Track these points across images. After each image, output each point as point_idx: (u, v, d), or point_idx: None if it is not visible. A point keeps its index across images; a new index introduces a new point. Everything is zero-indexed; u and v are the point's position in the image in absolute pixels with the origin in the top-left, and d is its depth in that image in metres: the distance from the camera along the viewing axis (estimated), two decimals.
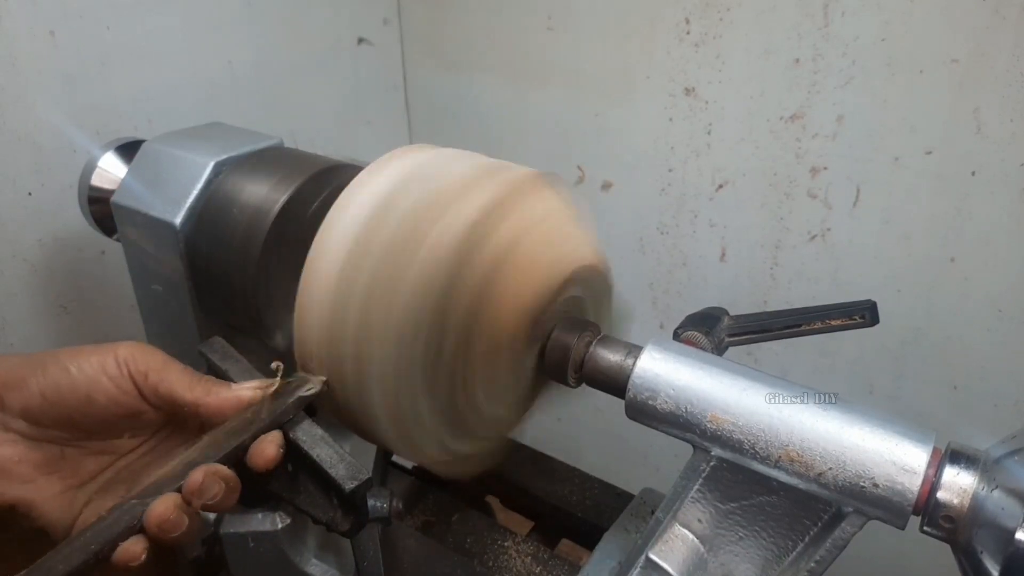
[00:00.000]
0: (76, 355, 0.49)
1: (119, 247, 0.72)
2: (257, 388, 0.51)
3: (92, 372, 0.48)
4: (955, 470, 0.44)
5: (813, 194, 1.07)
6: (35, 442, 0.48)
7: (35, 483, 0.48)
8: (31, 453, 0.48)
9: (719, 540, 0.54)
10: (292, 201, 0.63)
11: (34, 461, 0.48)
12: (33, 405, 0.47)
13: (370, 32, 1.27)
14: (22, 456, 0.48)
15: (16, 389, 0.47)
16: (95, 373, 0.48)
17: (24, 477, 0.48)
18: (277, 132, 0.73)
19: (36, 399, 0.47)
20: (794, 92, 1.02)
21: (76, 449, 0.50)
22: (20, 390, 0.47)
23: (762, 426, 0.48)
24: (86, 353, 0.49)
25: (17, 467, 0.48)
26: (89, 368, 0.48)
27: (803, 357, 1.16)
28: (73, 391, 0.48)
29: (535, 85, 1.24)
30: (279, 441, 0.48)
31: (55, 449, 0.49)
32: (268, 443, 0.47)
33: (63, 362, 0.48)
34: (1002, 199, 0.94)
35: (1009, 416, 1.03)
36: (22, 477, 0.48)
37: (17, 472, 0.48)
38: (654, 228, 1.22)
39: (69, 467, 0.50)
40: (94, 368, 0.48)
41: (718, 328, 0.63)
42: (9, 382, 0.47)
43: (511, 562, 0.75)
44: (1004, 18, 0.86)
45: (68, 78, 0.87)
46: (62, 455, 0.50)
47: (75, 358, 0.48)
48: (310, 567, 0.72)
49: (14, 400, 0.47)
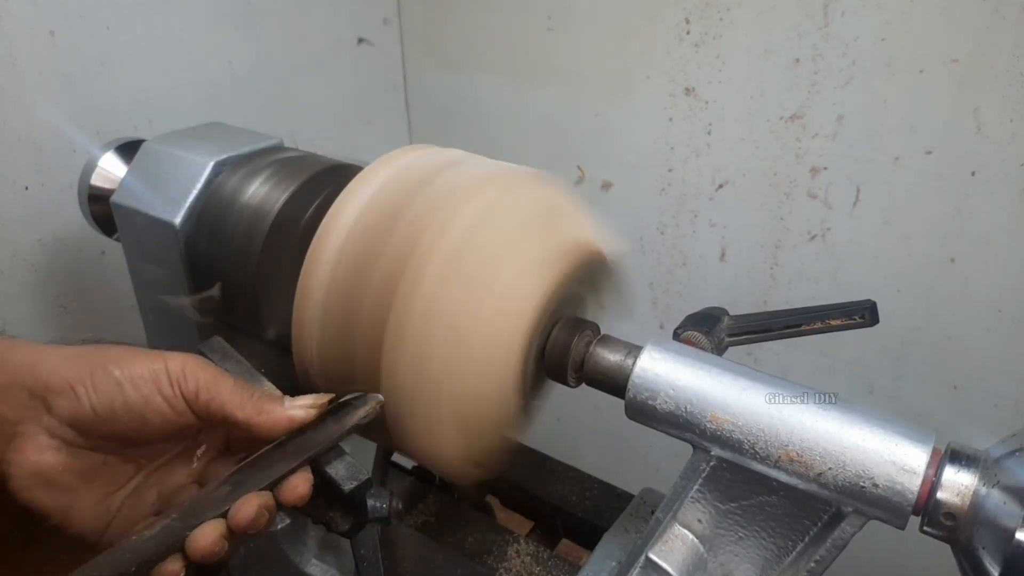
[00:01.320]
0: (125, 363, 0.46)
1: (119, 247, 0.72)
2: (310, 407, 0.49)
3: (147, 392, 0.46)
4: (955, 470, 0.44)
5: (813, 194, 1.07)
6: (79, 450, 0.47)
7: (75, 492, 0.47)
8: (74, 461, 0.46)
9: (719, 540, 0.54)
10: (292, 201, 0.63)
11: (77, 469, 0.46)
12: (84, 418, 0.45)
13: (370, 32, 1.27)
14: (66, 465, 0.46)
15: (63, 396, 0.45)
16: (150, 393, 0.46)
17: (66, 486, 0.46)
18: (277, 132, 0.73)
19: (87, 413, 0.45)
20: (794, 92, 1.02)
21: (117, 456, 0.49)
22: (68, 398, 0.45)
23: (762, 426, 0.48)
24: (136, 363, 0.46)
25: (60, 476, 0.46)
26: (144, 387, 0.46)
27: (803, 357, 1.16)
28: (127, 411, 0.46)
29: (535, 85, 1.24)
30: (311, 479, 0.47)
31: (99, 457, 0.48)
32: (301, 480, 0.47)
33: (113, 373, 0.45)
34: (1002, 199, 0.94)
35: (1009, 416, 1.03)
36: (64, 486, 0.46)
37: (59, 481, 0.46)
38: (654, 228, 1.22)
39: (109, 475, 0.48)
40: (148, 387, 0.46)
41: (718, 328, 0.63)
42: (54, 386, 0.45)
43: (511, 562, 0.75)
44: (1004, 18, 0.86)
45: (68, 78, 0.87)
46: (104, 462, 0.48)
47: (125, 367, 0.46)
48: (310, 567, 0.72)
49: (63, 408, 0.45)
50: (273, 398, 0.49)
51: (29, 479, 0.45)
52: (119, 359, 0.46)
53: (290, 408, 0.48)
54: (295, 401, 0.49)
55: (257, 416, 0.47)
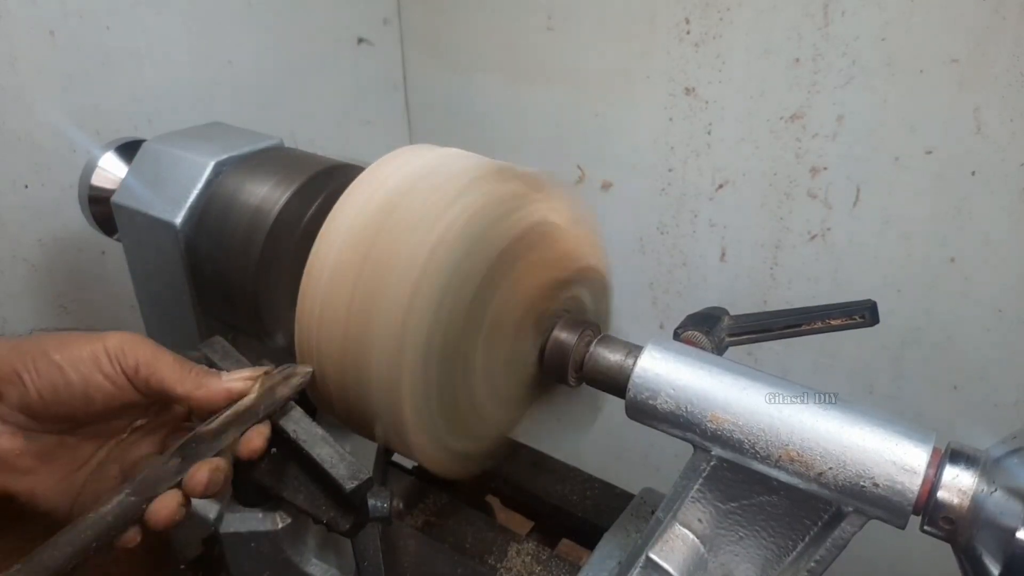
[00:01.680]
0: (64, 347, 0.48)
1: (119, 247, 0.72)
2: (247, 379, 0.51)
3: (86, 371, 0.48)
4: (955, 470, 0.44)
5: (813, 194, 1.07)
6: (34, 433, 0.49)
7: (36, 473, 0.49)
8: (31, 444, 0.48)
9: (719, 540, 0.54)
10: (292, 201, 0.63)
11: (34, 452, 0.49)
12: (32, 403, 0.47)
13: (370, 32, 1.27)
14: (22, 448, 0.48)
15: (11, 384, 0.47)
16: (89, 372, 0.48)
17: (25, 468, 0.48)
18: (277, 132, 0.73)
19: (34, 397, 0.47)
20: (794, 92, 1.02)
21: (74, 437, 0.50)
22: (15, 386, 0.47)
23: (762, 426, 0.48)
24: (75, 346, 0.48)
25: (18, 459, 0.48)
26: (83, 367, 0.48)
27: (803, 357, 1.16)
28: (70, 391, 0.47)
29: (535, 85, 1.24)
30: (266, 433, 0.50)
31: (53, 439, 0.49)
32: (256, 434, 0.49)
33: (53, 357, 0.47)
34: (1002, 199, 0.94)
35: (1009, 416, 1.03)
36: (24, 468, 0.48)
37: (19, 464, 0.48)
38: (654, 228, 1.22)
39: (67, 454, 0.50)
40: (88, 366, 0.48)
41: (718, 328, 0.63)
42: (3, 376, 0.47)
43: (511, 562, 0.75)
44: (1004, 18, 0.86)
45: (68, 78, 0.87)
46: (60, 443, 0.50)
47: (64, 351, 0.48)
48: (310, 567, 0.72)
49: (12, 395, 0.47)
50: (212, 373, 0.51)
51: None
52: (59, 343, 0.48)
53: (227, 381, 0.50)
54: (232, 375, 0.51)
55: (196, 391, 0.49)
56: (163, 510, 0.45)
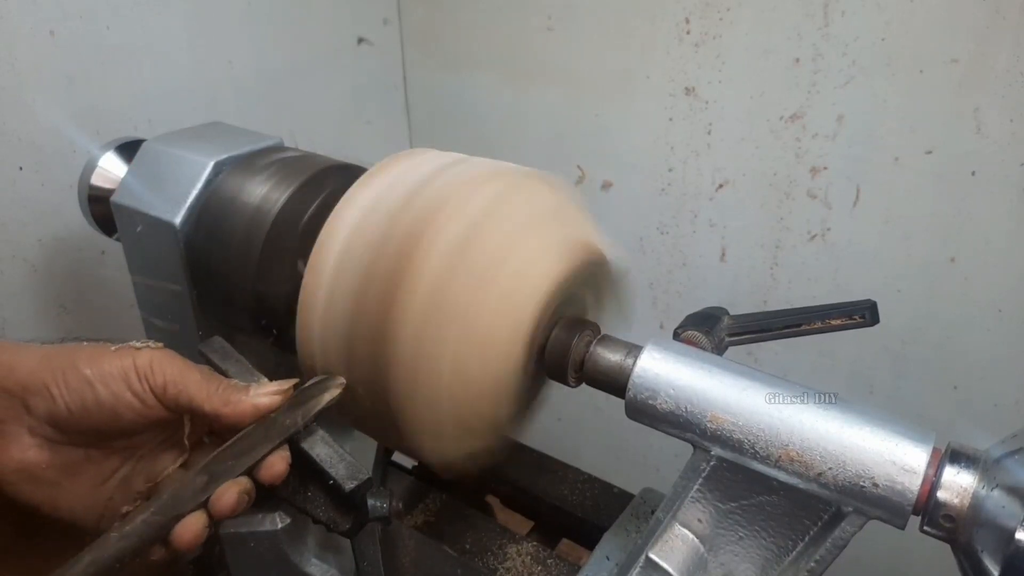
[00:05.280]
0: (95, 362, 0.48)
1: (119, 247, 0.72)
2: (275, 394, 0.50)
3: (116, 388, 0.47)
4: (955, 470, 0.44)
5: (813, 194, 1.07)
6: (61, 446, 0.48)
7: (61, 486, 0.48)
8: (57, 457, 0.48)
9: (719, 540, 0.54)
10: (292, 201, 0.63)
11: (60, 465, 0.48)
12: (60, 416, 0.47)
13: (370, 32, 1.27)
14: (49, 461, 0.48)
15: (39, 395, 0.47)
16: (119, 389, 0.47)
17: (51, 481, 0.48)
18: (277, 132, 0.73)
19: (63, 411, 0.47)
20: (794, 92, 1.02)
21: (99, 450, 0.50)
22: (44, 398, 0.47)
23: (762, 426, 0.48)
24: (105, 360, 0.48)
25: (44, 472, 0.48)
26: (113, 384, 0.47)
27: (803, 357, 1.16)
28: (99, 408, 0.47)
29: (535, 85, 1.24)
30: (288, 457, 0.49)
31: (79, 452, 0.49)
32: (279, 459, 0.49)
33: (83, 372, 0.47)
34: (1002, 199, 0.94)
35: (1009, 416, 1.03)
36: (49, 481, 0.48)
37: (44, 477, 0.48)
38: (654, 228, 1.22)
39: (93, 468, 0.50)
40: (118, 384, 0.47)
41: (718, 328, 0.63)
42: (31, 387, 0.47)
43: (511, 562, 0.75)
44: (1004, 18, 0.86)
45: (68, 78, 0.87)
46: (87, 456, 0.50)
47: (95, 365, 0.47)
48: (310, 567, 0.72)
49: (40, 407, 0.47)
50: (239, 387, 0.50)
51: (14, 475, 0.47)
52: (89, 357, 0.48)
53: (255, 397, 0.50)
54: (259, 389, 0.50)
55: (224, 407, 0.49)
56: (187, 532, 0.45)
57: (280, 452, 0.49)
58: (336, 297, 0.54)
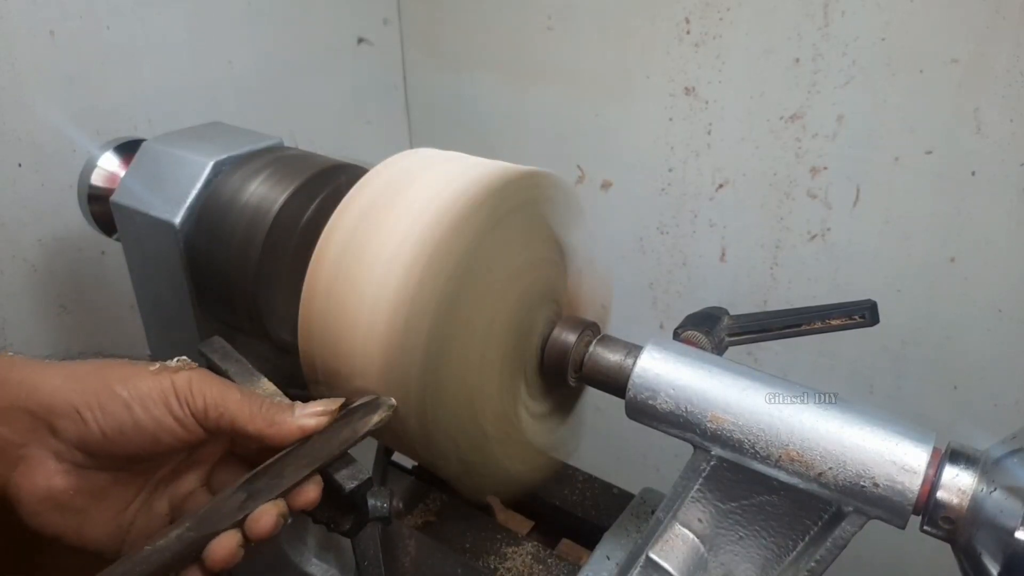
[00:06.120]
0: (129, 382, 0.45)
1: (119, 247, 0.72)
2: (321, 415, 0.48)
3: (158, 413, 0.45)
4: (955, 470, 0.44)
5: (813, 194, 1.07)
6: (88, 471, 0.45)
7: (87, 512, 0.46)
8: (84, 483, 0.45)
9: (719, 540, 0.54)
10: (292, 201, 0.63)
11: (88, 490, 0.46)
12: (93, 440, 0.44)
13: (370, 32, 1.27)
14: (76, 487, 0.45)
15: (68, 419, 0.44)
16: (161, 413, 0.45)
17: (78, 508, 0.45)
18: (277, 132, 0.73)
19: (96, 436, 0.44)
20: (794, 92, 1.02)
21: (127, 473, 0.48)
22: (74, 421, 0.44)
23: (762, 426, 0.48)
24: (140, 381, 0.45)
25: (72, 499, 0.45)
26: (154, 408, 0.45)
27: (803, 357, 1.16)
28: (138, 432, 0.45)
29: (535, 85, 1.24)
30: (321, 484, 0.47)
31: (107, 476, 0.47)
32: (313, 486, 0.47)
33: (120, 394, 0.44)
34: (1002, 199, 0.94)
35: (1009, 416, 1.03)
36: (76, 509, 0.45)
37: (71, 503, 0.45)
38: (654, 228, 1.22)
39: (118, 491, 0.47)
40: (159, 408, 0.45)
41: (718, 328, 0.63)
42: (58, 409, 0.44)
43: (511, 562, 0.75)
44: (1004, 18, 0.86)
45: (68, 78, 0.87)
46: (114, 480, 0.47)
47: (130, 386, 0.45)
48: (310, 567, 0.72)
49: (69, 431, 0.44)
50: (283, 407, 0.48)
51: (40, 504, 0.44)
52: (123, 378, 0.45)
53: (300, 418, 0.48)
54: (305, 409, 0.48)
55: (268, 428, 0.47)
56: (221, 550, 0.43)
57: (313, 478, 0.47)
58: (337, 298, 0.54)
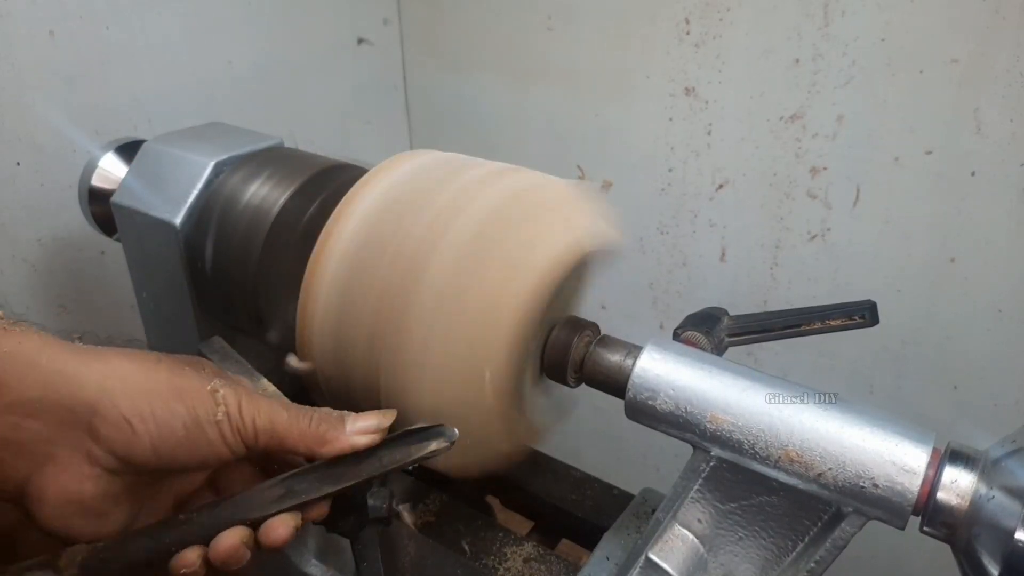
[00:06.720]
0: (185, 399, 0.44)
1: (119, 247, 0.72)
2: (373, 432, 0.47)
3: (212, 436, 0.44)
4: (955, 470, 0.44)
5: (813, 194, 1.07)
6: (116, 475, 0.44)
7: (107, 517, 0.45)
8: (111, 487, 0.44)
9: (719, 540, 0.54)
10: (292, 201, 0.63)
11: (113, 494, 0.44)
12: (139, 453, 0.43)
13: (370, 32, 1.27)
14: (105, 492, 0.44)
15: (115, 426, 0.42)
16: (214, 437, 0.44)
17: (100, 512, 0.44)
18: (277, 132, 0.73)
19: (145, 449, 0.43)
20: (794, 92, 1.02)
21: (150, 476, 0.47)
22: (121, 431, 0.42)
23: (762, 426, 0.48)
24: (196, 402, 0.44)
25: (98, 504, 0.44)
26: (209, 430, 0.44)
27: (803, 357, 1.16)
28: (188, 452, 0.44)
29: (535, 85, 1.24)
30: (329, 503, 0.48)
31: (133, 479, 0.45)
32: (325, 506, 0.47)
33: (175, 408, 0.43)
34: (1002, 199, 0.94)
35: (1009, 416, 1.03)
36: (98, 513, 0.44)
37: (96, 508, 0.44)
38: (654, 228, 1.22)
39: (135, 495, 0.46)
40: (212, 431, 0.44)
41: (718, 328, 0.63)
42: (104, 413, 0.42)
43: (511, 562, 0.75)
44: (1004, 18, 0.86)
45: (68, 78, 0.87)
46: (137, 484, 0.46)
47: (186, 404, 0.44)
48: (310, 567, 0.72)
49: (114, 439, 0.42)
50: (332, 421, 0.47)
51: (64, 508, 0.43)
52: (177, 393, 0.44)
53: (352, 435, 0.47)
54: (357, 423, 0.47)
55: (320, 447, 0.46)
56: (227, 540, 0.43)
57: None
58: (338, 298, 0.54)
